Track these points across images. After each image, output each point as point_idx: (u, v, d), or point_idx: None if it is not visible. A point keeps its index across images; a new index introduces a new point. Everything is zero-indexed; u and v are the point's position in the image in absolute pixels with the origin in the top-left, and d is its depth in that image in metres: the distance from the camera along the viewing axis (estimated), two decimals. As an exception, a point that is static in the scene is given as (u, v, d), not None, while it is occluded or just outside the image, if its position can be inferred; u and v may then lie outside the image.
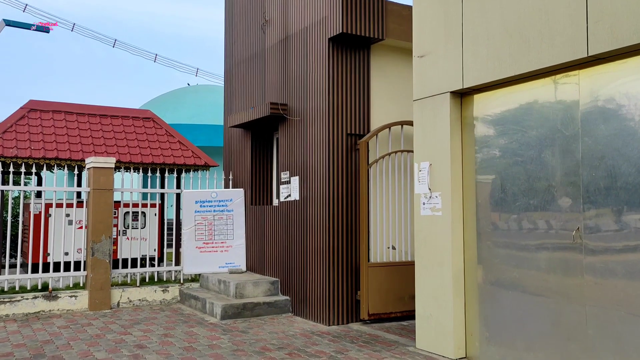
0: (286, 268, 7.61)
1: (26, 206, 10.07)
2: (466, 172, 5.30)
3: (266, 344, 5.75)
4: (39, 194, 10.13)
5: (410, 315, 6.97)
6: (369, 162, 7.00)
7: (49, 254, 8.98)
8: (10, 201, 7.36)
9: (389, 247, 7.07)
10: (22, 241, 9.96)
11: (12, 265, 9.92)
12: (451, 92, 5.30)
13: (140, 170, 8.49)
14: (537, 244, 4.57)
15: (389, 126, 7.15)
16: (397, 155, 7.21)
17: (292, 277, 7.45)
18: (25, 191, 12.62)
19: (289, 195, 7.63)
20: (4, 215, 9.12)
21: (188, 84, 26.63)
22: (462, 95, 5.35)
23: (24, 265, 9.54)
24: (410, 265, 7.02)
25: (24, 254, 9.81)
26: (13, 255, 11.23)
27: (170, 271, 8.65)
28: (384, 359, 5.15)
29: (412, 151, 7.27)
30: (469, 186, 5.26)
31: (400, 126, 7.28)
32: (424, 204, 5.55)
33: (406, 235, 7.18)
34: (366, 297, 6.74)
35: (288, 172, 7.70)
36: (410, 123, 7.25)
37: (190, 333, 6.23)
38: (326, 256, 6.79)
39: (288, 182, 7.68)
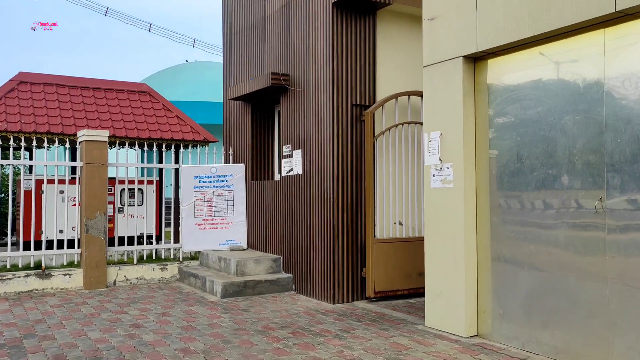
0: (289, 245, 7.35)
1: (18, 183, 9.77)
2: (479, 142, 4.98)
3: (269, 322, 5.51)
4: (30, 170, 9.83)
5: (417, 292, 6.73)
6: (375, 134, 6.68)
7: (42, 232, 8.73)
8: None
9: (395, 223, 6.80)
10: (14, 219, 9.69)
11: (4, 244, 9.65)
12: (464, 56, 4.96)
13: (137, 146, 8.17)
14: (556, 216, 4.28)
15: (395, 96, 6.81)
16: (404, 127, 6.88)
17: (295, 254, 7.19)
18: (16, 167, 12.32)
19: (291, 169, 7.32)
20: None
21: (186, 61, 26.13)
22: (476, 60, 5.00)
23: (16, 244, 9.28)
24: (418, 241, 6.76)
25: (17, 232, 9.54)
26: (4, 233, 10.98)
27: (169, 249, 8.40)
28: (392, 337, 4.91)
29: (420, 123, 6.96)
30: (482, 156, 4.96)
31: (407, 96, 6.94)
32: (434, 175, 5.25)
33: (413, 210, 6.90)
34: (372, 274, 6.49)
35: (290, 145, 7.39)
36: (418, 93, 6.92)
37: (189, 312, 5.99)
38: (330, 232, 6.51)
39: (290, 156, 7.37)
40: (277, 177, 8.47)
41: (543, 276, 4.36)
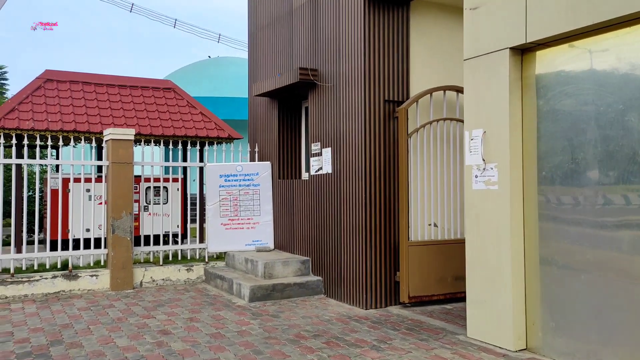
0: (318, 246, 7.10)
1: (45, 181, 9.74)
2: (526, 140, 4.64)
3: (300, 330, 5.27)
4: (57, 169, 9.78)
5: (453, 298, 6.42)
6: (409, 132, 6.36)
7: (69, 231, 8.66)
8: (25, 176, 6.95)
9: (430, 224, 6.48)
10: (42, 217, 9.66)
11: (31, 242, 9.62)
12: (511, 48, 4.60)
13: (162, 144, 8.01)
14: (618, 220, 3.92)
15: (430, 92, 6.48)
16: (439, 124, 6.55)
17: (325, 256, 6.94)
18: (42, 166, 12.32)
19: (320, 168, 7.06)
20: (21, 190, 8.77)
21: (209, 57, 26.02)
22: (523, 52, 4.65)
23: (43, 242, 9.25)
24: (454, 243, 6.45)
25: (44, 230, 9.53)
26: (33, 231, 10.99)
27: (194, 249, 8.23)
28: (433, 350, 4.62)
29: (456, 119, 6.62)
30: (529, 156, 4.61)
31: (442, 92, 6.60)
32: (476, 176, 4.92)
33: (449, 211, 6.58)
34: (406, 278, 6.20)
35: (319, 143, 7.12)
36: (454, 89, 6.58)
37: (217, 317, 5.80)
38: (362, 234, 6.24)
39: (319, 154, 7.10)
40: (304, 175, 8.22)
41: (604, 285, 4.02)
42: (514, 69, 4.63)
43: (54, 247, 8.27)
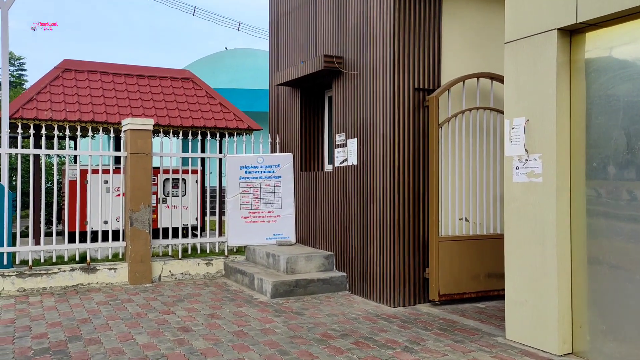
0: (342, 241, 6.83)
1: (63, 172, 9.61)
2: (574, 129, 4.30)
3: (326, 329, 5.02)
4: (75, 160, 9.64)
5: (486, 296, 6.12)
6: (440, 121, 6.05)
7: (87, 223, 8.51)
8: (43, 167, 6.79)
9: (460, 219, 6.17)
10: (60, 209, 9.54)
11: (49, 234, 9.50)
12: (559, 29, 4.26)
13: (181, 134, 7.80)
14: (680, 218, 3.59)
15: (463, 79, 6.14)
16: (471, 113, 6.22)
17: (349, 251, 6.67)
18: (60, 157, 12.22)
19: (345, 159, 6.78)
20: (39, 182, 8.63)
21: (226, 48, 25.81)
22: (572, 33, 4.30)
23: (61, 233, 9.13)
24: (486, 239, 6.14)
25: (62, 222, 9.41)
26: (52, 222, 10.89)
27: (213, 242, 8.01)
28: (471, 352, 4.33)
29: (490, 108, 6.29)
30: (577, 146, 4.28)
31: (475, 79, 6.26)
32: (517, 168, 4.60)
33: (481, 205, 6.26)
34: (436, 275, 5.90)
35: (344, 134, 6.83)
36: (487, 76, 6.24)
37: (239, 314, 5.57)
38: (390, 228, 5.95)
39: (344, 145, 6.82)
40: (327, 167, 7.95)
41: (658, 288, 3.69)
42: (561, 52, 4.29)
43: (72, 239, 8.12)
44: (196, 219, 9.96)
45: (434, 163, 5.97)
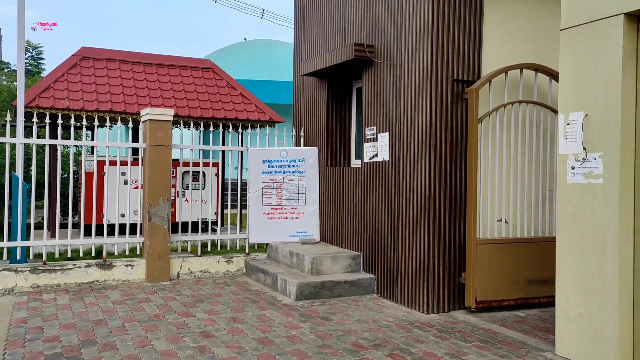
0: (370, 241, 6.45)
1: (80, 164, 9.37)
2: (640, 126, 3.85)
3: (357, 338, 4.65)
4: (92, 151, 9.40)
5: (526, 304, 5.71)
6: (479, 115, 5.62)
7: (103, 216, 8.26)
8: (59, 157, 6.52)
9: (499, 220, 5.75)
10: (77, 201, 9.31)
11: (64, 226, 9.27)
12: (626, 14, 3.81)
13: (201, 126, 7.46)
14: None
15: (505, 70, 5.70)
16: (513, 107, 5.78)
17: (378, 252, 6.28)
18: (77, 147, 12.01)
19: (375, 155, 6.38)
20: (55, 173, 8.39)
21: (245, 39, 25.47)
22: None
23: (77, 226, 8.89)
24: (528, 242, 5.72)
25: (79, 215, 9.19)
26: (65, 214, 10.70)
27: (234, 239, 7.68)
28: (520, 370, 3.93)
29: (533, 102, 5.83)
30: (644, 145, 3.83)
31: (519, 71, 5.82)
32: (573, 168, 4.17)
33: (522, 206, 5.82)
34: (473, 280, 5.50)
35: (374, 127, 6.43)
36: (532, 67, 5.79)
37: (262, 317, 5.23)
38: (424, 229, 5.56)
39: (374, 140, 6.42)
40: (354, 163, 7.56)
41: None
42: (628, 39, 3.84)
43: (87, 232, 7.88)
44: (215, 213, 9.66)
45: (473, 160, 5.55)
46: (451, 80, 5.63)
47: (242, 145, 7.84)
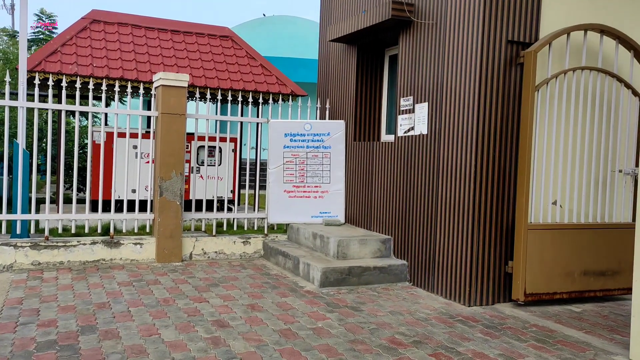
0: (403, 223, 5.81)
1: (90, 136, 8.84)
2: None
3: (393, 332, 4.05)
4: (104, 121, 8.87)
5: (580, 297, 5.05)
6: (537, 83, 4.91)
7: (114, 191, 7.75)
8: (63, 124, 5.96)
9: (554, 203, 5.07)
10: (83, 174, 8.81)
11: (68, 201, 8.78)
12: None
13: (219, 96, 6.83)
14: None
15: (567, 31, 4.97)
16: (575, 75, 5.05)
17: (412, 236, 5.65)
18: (83, 116, 11.46)
19: (412, 128, 5.71)
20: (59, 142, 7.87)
21: (264, 15, 24.70)
22: None
23: (83, 201, 8.40)
24: (585, 229, 5.04)
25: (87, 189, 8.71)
26: (79, 188, 10.23)
27: (251, 218, 7.08)
28: (594, 380, 3.30)
29: (598, 69, 5.09)
30: None
31: (583, 32, 5.08)
32: (663, 139, 3.46)
33: (579, 187, 5.13)
34: (522, 269, 4.84)
35: (411, 97, 5.75)
36: (598, 28, 5.05)
37: (283, 306, 4.65)
38: (467, 211, 4.90)
39: (410, 111, 5.75)
40: (384, 137, 6.89)
41: None
42: None
43: (95, 208, 7.36)
44: (232, 191, 9.10)
45: (527, 134, 4.86)
46: (505, 42, 4.92)
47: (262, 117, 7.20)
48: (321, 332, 3.98)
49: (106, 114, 7.04)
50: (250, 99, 6.90)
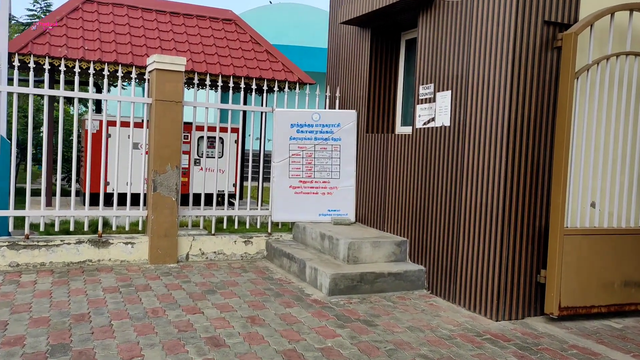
0: (420, 224, 5.26)
1: (84, 123, 8.32)
2: None
3: (414, 355, 3.51)
4: (95, 109, 8.33)
5: (620, 311, 4.50)
6: (576, 69, 4.32)
7: (108, 183, 7.24)
8: (46, 110, 5.43)
9: (592, 205, 4.50)
10: (67, 164, 8.29)
11: (67, 193, 8.25)
12: None
13: (219, 82, 6.27)
14: None
15: (611, 11, 4.37)
16: (618, 60, 4.47)
17: (431, 239, 5.10)
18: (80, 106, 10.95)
19: (432, 119, 5.14)
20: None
21: (270, 2, 24.05)
22: None
23: (75, 195, 7.88)
24: (627, 235, 4.50)
25: (80, 182, 8.21)
26: (65, 177, 9.73)
27: (254, 215, 6.55)
28: None
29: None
30: None
31: (628, 12, 4.48)
32: None
33: (622, 188, 4.56)
34: (557, 280, 4.29)
35: (432, 85, 5.17)
36: (647, 7, 4.44)
37: (288, 318, 4.12)
38: (494, 212, 4.34)
39: (431, 101, 5.17)
40: (399, 129, 6.32)
41: None
42: None
43: (85, 202, 6.85)
44: (234, 185, 8.57)
45: (565, 127, 4.28)
46: (541, 22, 4.33)
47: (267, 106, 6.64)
48: (331, 354, 3.45)
49: (99, 101, 6.51)
50: (255, 87, 6.35)
